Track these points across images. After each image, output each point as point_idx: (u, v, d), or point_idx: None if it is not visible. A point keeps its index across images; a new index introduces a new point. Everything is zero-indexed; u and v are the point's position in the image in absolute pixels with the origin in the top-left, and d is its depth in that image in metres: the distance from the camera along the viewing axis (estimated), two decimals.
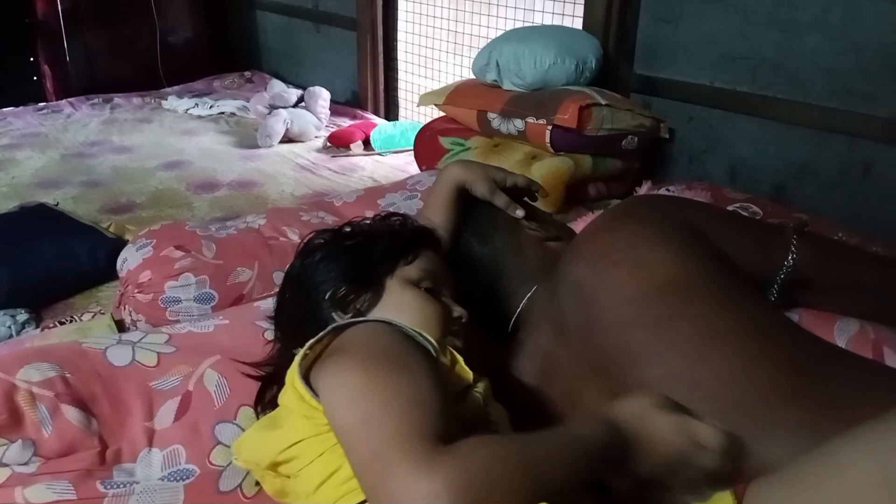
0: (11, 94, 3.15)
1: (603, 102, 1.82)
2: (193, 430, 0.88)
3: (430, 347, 0.75)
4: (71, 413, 0.85)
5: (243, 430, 0.88)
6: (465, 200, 1.07)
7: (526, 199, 1.12)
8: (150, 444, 0.87)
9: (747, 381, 0.75)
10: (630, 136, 1.88)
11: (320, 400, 0.69)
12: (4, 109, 3.02)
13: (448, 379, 0.74)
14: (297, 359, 0.74)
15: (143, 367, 0.91)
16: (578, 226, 1.31)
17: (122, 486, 0.81)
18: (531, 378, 0.94)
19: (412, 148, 2.54)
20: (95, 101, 3.15)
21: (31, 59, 3.36)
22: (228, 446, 0.86)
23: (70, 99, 3.17)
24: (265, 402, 0.86)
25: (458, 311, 0.88)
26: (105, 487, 0.80)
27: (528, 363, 0.94)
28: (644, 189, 1.57)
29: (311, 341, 0.75)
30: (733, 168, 1.93)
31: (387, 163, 2.57)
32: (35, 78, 3.37)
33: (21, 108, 3.06)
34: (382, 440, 0.60)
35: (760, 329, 0.79)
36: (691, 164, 2.02)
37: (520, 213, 1.05)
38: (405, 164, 2.51)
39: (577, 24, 2.18)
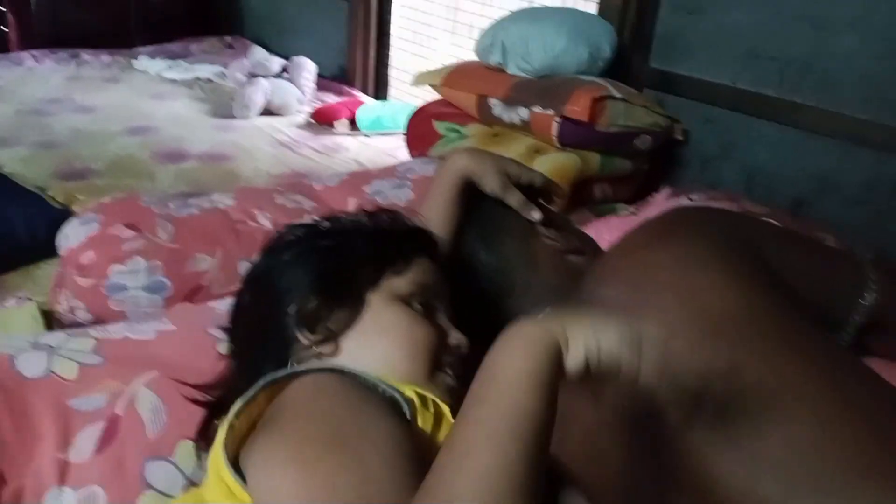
0: None
1: (618, 96, 1.65)
2: (118, 468, 0.69)
3: (402, 405, 0.59)
4: None
5: (181, 471, 0.70)
6: (471, 196, 0.90)
7: (541, 200, 0.95)
8: (62, 481, 0.68)
9: (822, 448, 0.60)
10: (643, 135, 1.72)
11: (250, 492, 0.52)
12: None
13: (429, 442, 0.58)
14: (222, 434, 0.56)
15: (61, 381, 0.73)
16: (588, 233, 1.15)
17: None
18: None
19: (401, 131, 2.36)
20: (61, 55, 2.90)
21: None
22: (162, 493, 0.68)
23: (33, 51, 2.92)
24: (210, 435, 0.68)
25: (455, 337, 0.71)
26: None
27: None
28: (662, 195, 1.41)
29: (239, 404, 0.57)
30: (750, 177, 1.78)
31: (373, 145, 2.38)
32: (2, 28, 3.11)
33: None
34: None
35: (837, 382, 0.64)
36: (704, 170, 1.87)
37: (536, 215, 0.88)
38: (393, 149, 2.33)
39: (589, 8, 2.01)
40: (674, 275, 0.70)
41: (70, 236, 1.23)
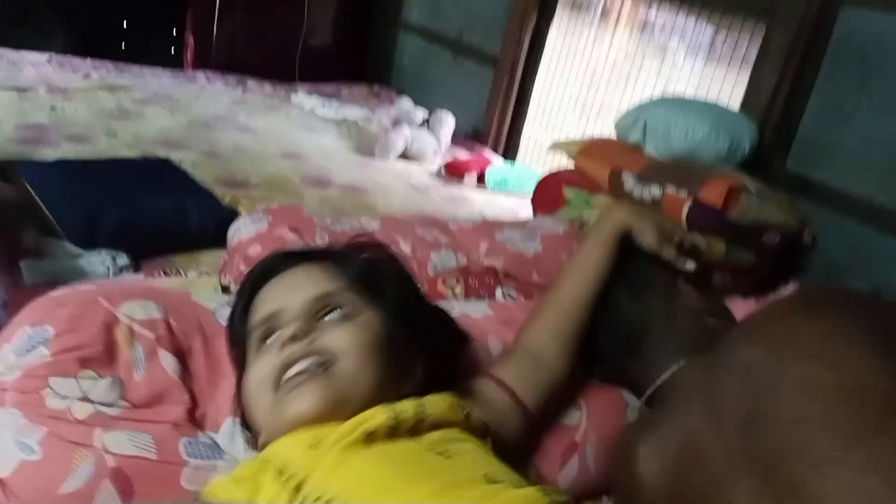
0: (150, 59, 3.25)
1: (753, 189, 1.69)
2: None
3: None
4: (167, 360, 0.79)
5: None
6: (624, 248, 0.97)
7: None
8: (237, 414, 0.79)
9: None
10: (772, 232, 1.74)
11: None
12: (144, 67, 3.13)
13: None
14: None
15: None
16: None
17: (206, 457, 0.73)
18: (664, 462, 0.81)
19: (523, 193, 2.49)
20: (230, 79, 3.23)
21: (175, 28, 3.50)
22: None
23: (207, 72, 3.26)
24: None
25: (282, 338, 0.69)
26: (188, 454, 0.72)
27: (664, 444, 0.82)
28: (789, 290, 1.43)
29: None
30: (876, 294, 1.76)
31: (497, 202, 2.50)
32: (174, 48, 3.50)
33: (160, 69, 3.16)
34: None
35: None
36: (828, 278, 1.86)
37: (690, 265, 0.94)
38: (515, 208, 2.45)
39: (733, 101, 2.08)
40: (819, 345, 0.73)
41: (242, 229, 1.38)
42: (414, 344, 0.74)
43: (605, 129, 2.43)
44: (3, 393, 0.73)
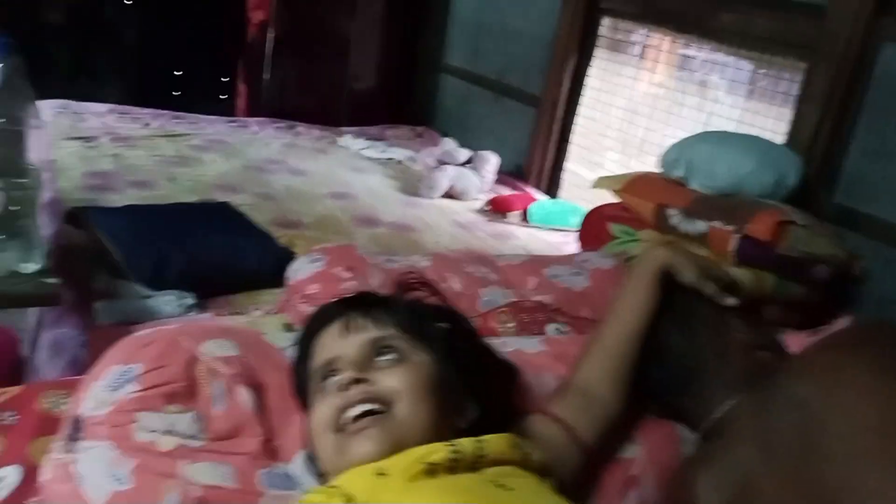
0: (203, 107, 3.41)
1: (801, 223, 1.70)
2: None
3: None
4: (244, 395, 0.84)
5: None
6: (666, 287, 1.00)
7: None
8: (307, 446, 0.83)
9: None
10: (822, 265, 1.74)
11: None
12: (200, 116, 3.28)
13: None
14: None
15: None
16: None
17: (282, 487, 0.77)
18: (722, 495, 0.83)
19: (568, 228, 2.52)
20: (280, 125, 3.36)
21: (226, 77, 3.68)
22: None
23: (258, 119, 3.40)
24: None
25: (340, 382, 0.75)
26: (266, 484, 0.77)
27: (721, 478, 0.84)
28: (840, 323, 1.42)
29: None
30: None
31: (541, 237, 2.54)
32: (225, 96, 3.68)
33: (215, 117, 3.30)
34: None
35: None
36: (879, 311, 1.84)
37: (730, 301, 0.97)
38: (560, 243, 2.48)
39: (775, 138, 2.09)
40: (871, 380, 0.75)
41: (300, 270, 1.44)
42: (464, 381, 0.79)
43: (647, 165, 2.45)
44: (96, 427, 0.79)
